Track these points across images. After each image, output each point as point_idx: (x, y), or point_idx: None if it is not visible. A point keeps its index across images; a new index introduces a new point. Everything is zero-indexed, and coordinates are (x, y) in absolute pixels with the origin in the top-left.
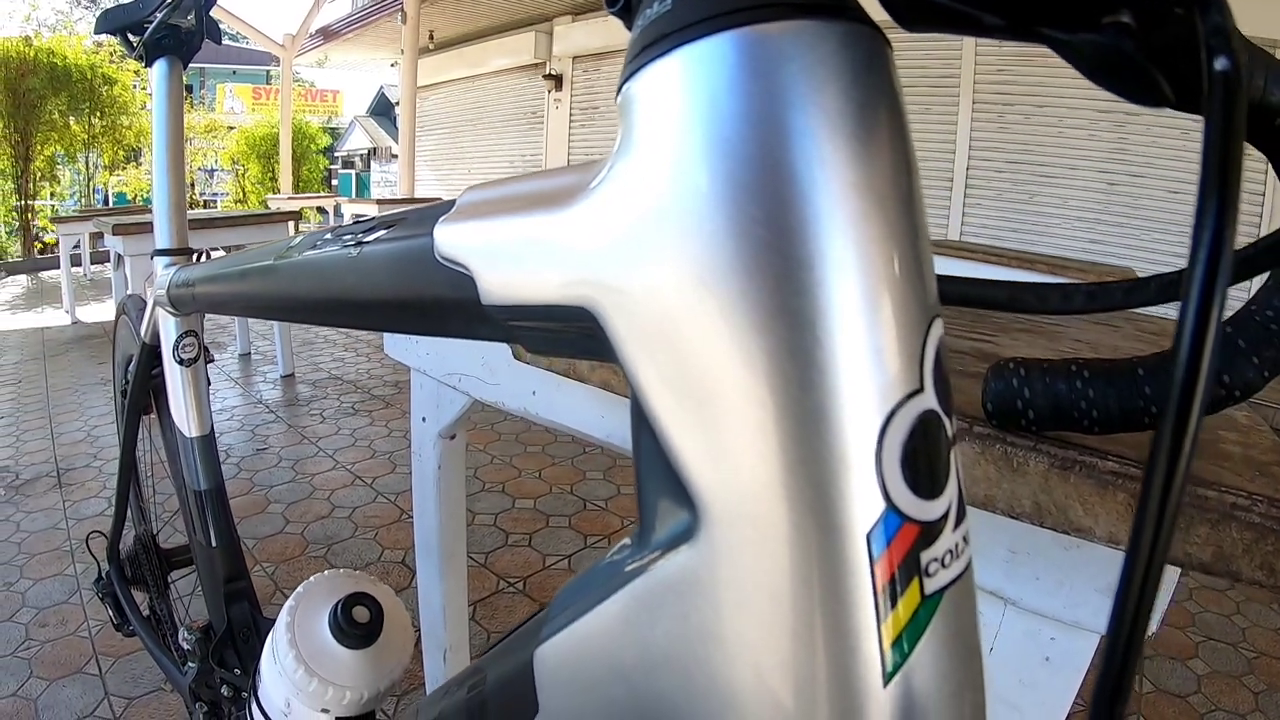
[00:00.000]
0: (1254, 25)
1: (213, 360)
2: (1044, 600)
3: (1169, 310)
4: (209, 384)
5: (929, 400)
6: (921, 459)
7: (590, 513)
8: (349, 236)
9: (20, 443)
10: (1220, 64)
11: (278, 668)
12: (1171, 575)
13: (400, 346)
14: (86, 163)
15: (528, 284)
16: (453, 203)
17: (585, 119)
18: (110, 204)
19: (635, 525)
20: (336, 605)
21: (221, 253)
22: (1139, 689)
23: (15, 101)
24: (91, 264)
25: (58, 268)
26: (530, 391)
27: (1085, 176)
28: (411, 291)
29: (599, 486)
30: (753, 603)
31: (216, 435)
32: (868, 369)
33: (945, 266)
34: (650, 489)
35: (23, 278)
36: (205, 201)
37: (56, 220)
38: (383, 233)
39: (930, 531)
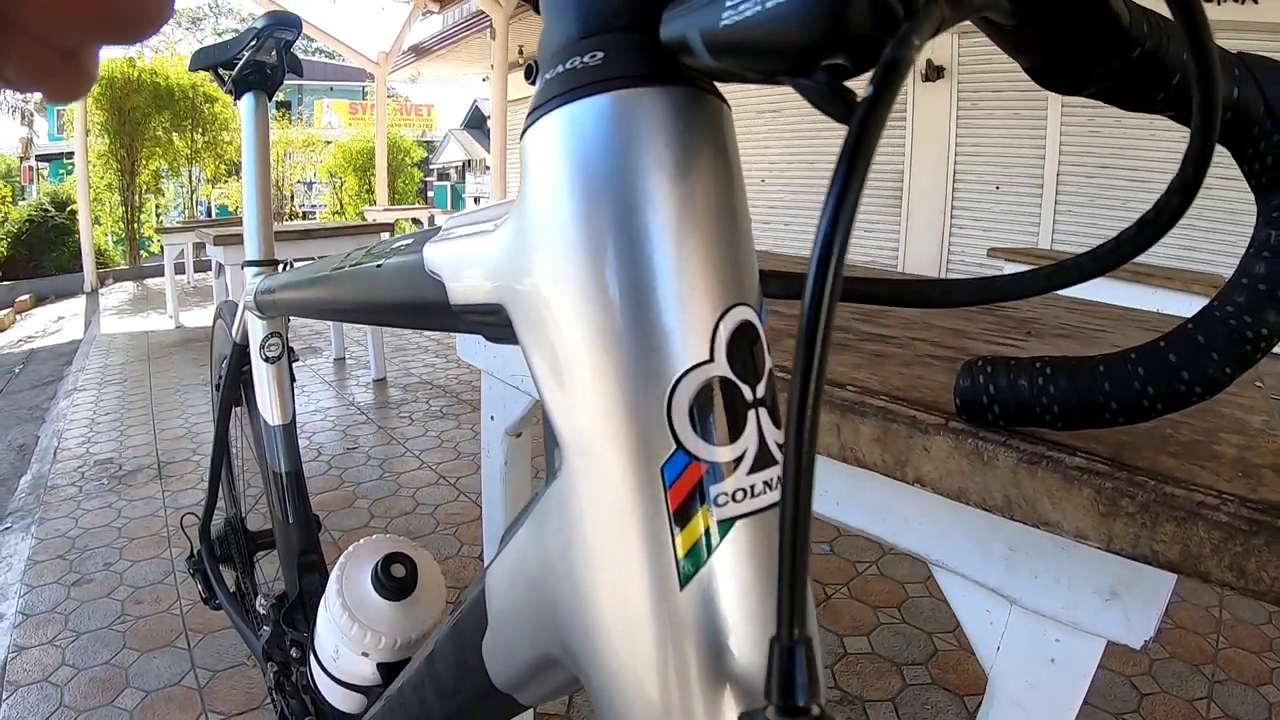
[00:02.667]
0: None
1: (297, 359)
2: (1043, 599)
3: None
4: (293, 380)
5: (720, 369)
6: (708, 413)
7: None
8: (379, 250)
9: (124, 437)
10: (868, 91)
11: (328, 615)
12: (1167, 581)
13: (471, 350)
14: (190, 177)
15: (472, 289)
16: (439, 228)
17: None
18: (213, 216)
19: None
20: (378, 562)
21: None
22: (1205, 713)
23: (121, 119)
24: (194, 272)
25: (162, 275)
26: None
27: None
28: (410, 296)
29: None
30: (591, 517)
31: (311, 434)
32: (661, 343)
33: None
34: (549, 439)
35: (129, 284)
36: (304, 213)
37: (161, 230)
38: (399, 245)
39: (718, 471)
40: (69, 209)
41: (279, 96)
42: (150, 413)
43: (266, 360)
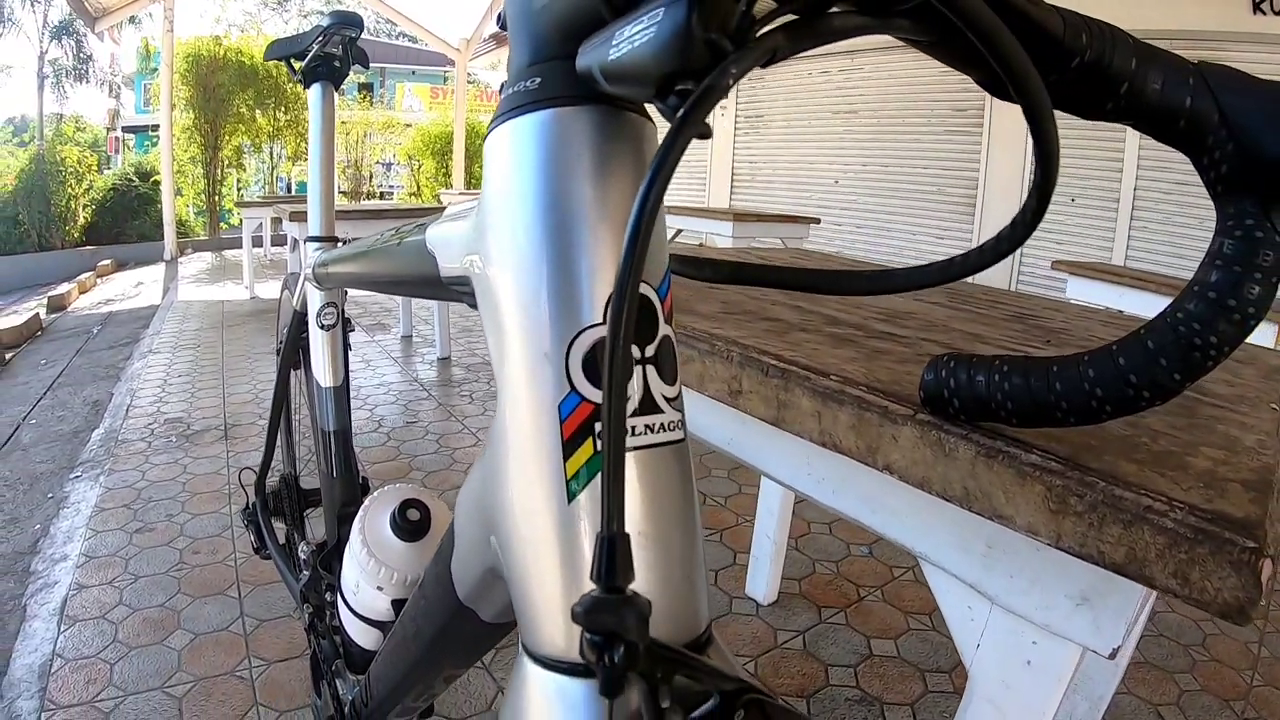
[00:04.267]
0: None
1: (353, 329)
2: (1019, 599)
3: None
4: (349, 347)
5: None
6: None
7: (709, 508)
8: (405, 230)
9: (194, 399)
10: (683, 108)
11: (351, 553)
12: (1138, 590)
13: None
14: (271, 153)
15: (453, 265)
16: (443, 209)
17: (749, 127)
18: (292, 191)
19: None
20: (396, 507)
21: None
22: None
23: (206, 95)
24: (271, 246)
25: (240, 247)
26: None
27: None
28: (416, 269)
29: (721, 484)
30: (509, 445)
31: (373, 406)
32: (566, 308)
33: (1089, 290)
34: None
35: (208, 254)
36: (381, 193)
37: (241, 204)
38: (417, 225)
39: None
40: (153, 179)
41: (362, 78)
42: (221, 377)
43: (322, 328)
